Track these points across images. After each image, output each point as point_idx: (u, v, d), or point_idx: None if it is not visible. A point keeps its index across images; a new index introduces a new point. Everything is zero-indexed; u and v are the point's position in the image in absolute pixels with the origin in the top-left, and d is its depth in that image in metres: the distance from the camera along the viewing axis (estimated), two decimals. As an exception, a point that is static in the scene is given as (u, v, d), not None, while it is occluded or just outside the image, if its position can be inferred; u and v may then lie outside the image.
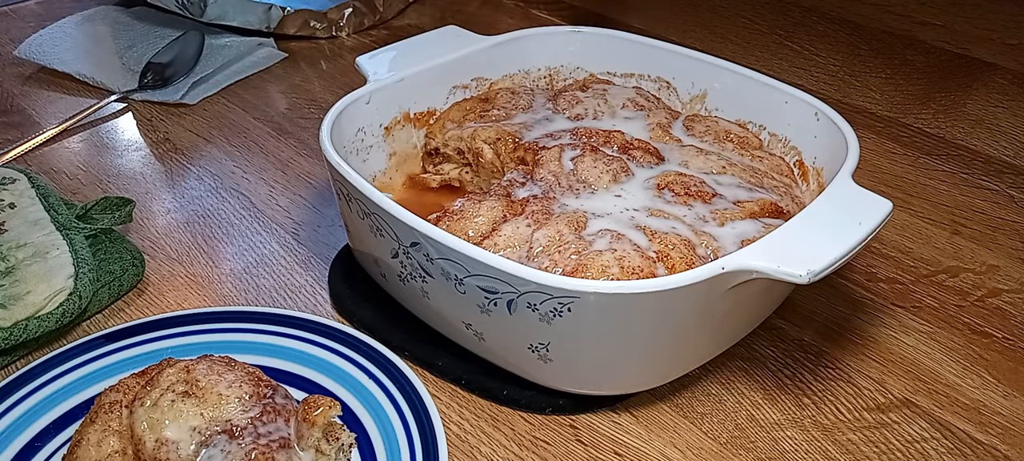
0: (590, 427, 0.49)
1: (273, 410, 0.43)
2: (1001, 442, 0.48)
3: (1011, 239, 0.64)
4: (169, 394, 0.42)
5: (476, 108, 0.65)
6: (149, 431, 0.41)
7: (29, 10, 1.06)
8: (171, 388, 0.42)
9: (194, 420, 0.41)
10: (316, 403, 0.43)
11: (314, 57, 0.95)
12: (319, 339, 0.52)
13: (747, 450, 0.48)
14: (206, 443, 0.40)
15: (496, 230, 0.51)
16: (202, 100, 0.85)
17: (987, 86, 0.86)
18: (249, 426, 0.41)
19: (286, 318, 0.54)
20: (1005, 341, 0.55)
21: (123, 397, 0.43)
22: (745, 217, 0.52)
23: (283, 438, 0.42)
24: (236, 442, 0.40)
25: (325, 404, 0.43)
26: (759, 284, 0.44)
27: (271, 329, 0.53)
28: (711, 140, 0.61)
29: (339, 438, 0.44)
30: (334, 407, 0.43)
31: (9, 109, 0.84)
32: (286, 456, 0.41)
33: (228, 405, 0.42)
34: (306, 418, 0.42)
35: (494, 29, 0.71)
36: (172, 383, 0.43)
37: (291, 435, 0.42)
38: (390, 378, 0.49)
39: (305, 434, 0.42)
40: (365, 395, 0.49)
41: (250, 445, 0.40)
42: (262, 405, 0.42)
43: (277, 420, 0.42)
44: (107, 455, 0.41)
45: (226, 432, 0.41)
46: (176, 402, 0.42)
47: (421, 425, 0.46)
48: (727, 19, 1.02)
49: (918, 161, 0.74)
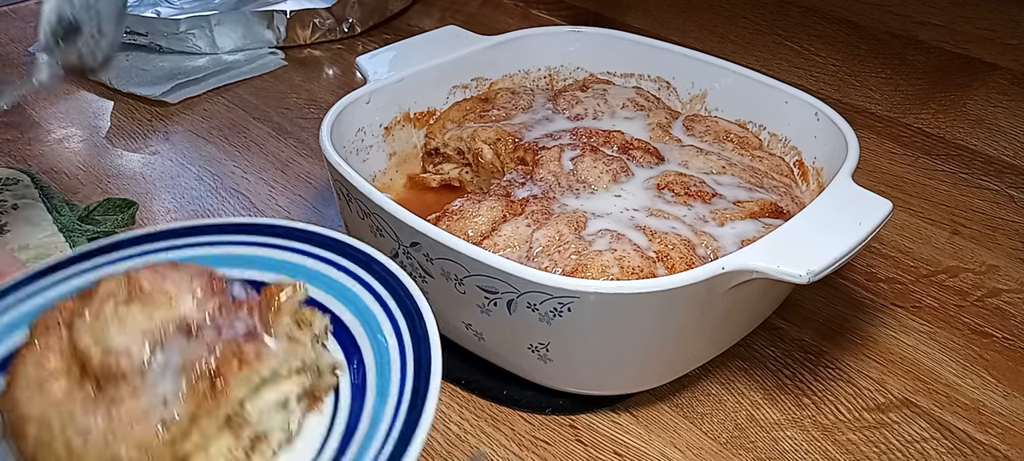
0: (590, 427, 0.49)
1: (232, 303, 0.38)
2: (1001, 442, 0.48)
3: (1011, 239, 0.64)
4: (110, 303, 0.37)
5: (476, 108, 0.65)
6: (94, 344, 0.36)
7: (29, 10, 1.06)
8: (111, 296, 0.37)
9: (143, 323, 0.36)
10: (280, 287, 0.38)
11: (314, 57, 0.95)
12: (283, 242, 0.46)
13: (747, 450, 0.48)
14: (161, 345, 0.36)
15: (496, 230, 0.51)
16: (202, 101, 0.85)
17: (987, 86, 0.86)
18: (207, 321, 0.37)
19: (234, 226, 0.47)
20: (1005, 341, 0.55)
21: (60, 316, 0.38)
22: (745, 217, 0.52)
23: (248, 329, 0.37)
24: (195, 340, 0.36)
25: (290, 286, 0.39)
26: (759, 284, 0.44)
27: (221, 239, 0.47)
28: (711, 140, 0.61)
29: (311, 324, 0.40)
30: (300, 289, 0.39)
31: (9, 109, 0.84)
32: (255, 347, 0.36)
33: (180, 304, 0.37)
34: (271, 305, 0.38)
35: (494, 29, 0.71)
36: (112, 292, 0.37)
37: (257, 325, 0.37)
38: (373, 275, 0.43)
39: (273, 323, 0.38)
40: (346, 295, 0.43)
41: (212, 340, 0.36)
42: (219, 299, 0.38)
43: (238, 313, 0.37)
44: (50, 373, 0.36)
45: (182, 331, 0.36)
46: (120, 309, 0.37)
47: (409, 317, 0.41)
48: (727, 19, 1.02)
49: (918, 161, 0.74)
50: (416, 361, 0.38)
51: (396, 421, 0.36)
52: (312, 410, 0.40)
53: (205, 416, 0.34)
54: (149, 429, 0.33)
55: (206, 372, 0.35)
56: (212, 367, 0.35)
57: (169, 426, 0.34)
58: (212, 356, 0.35)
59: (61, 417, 0.34)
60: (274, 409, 0.37)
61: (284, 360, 0.37)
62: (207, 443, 0.35)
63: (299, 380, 0.38)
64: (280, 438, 0.38)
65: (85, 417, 0.34)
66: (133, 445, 0.33)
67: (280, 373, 0.37)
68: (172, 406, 0.34)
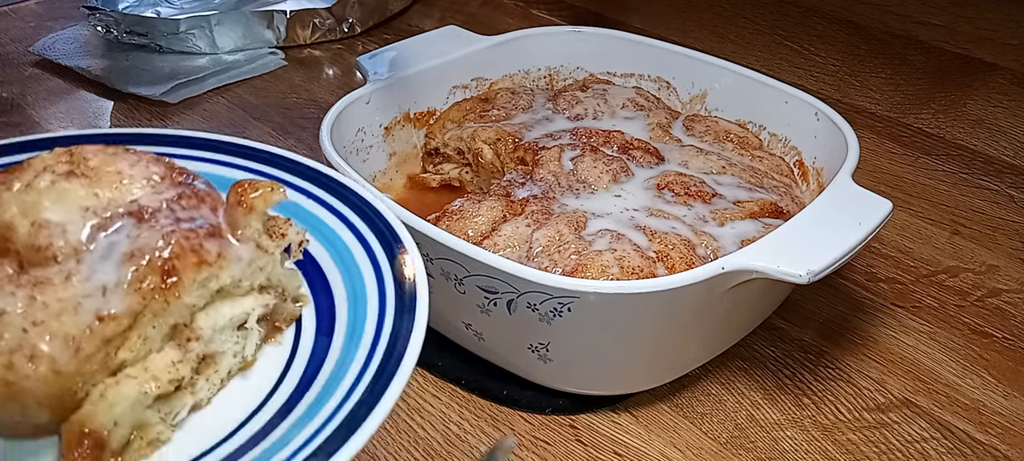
0: (590, 427, 0.49)
1: (194, 195, 0.32)
2: (1001, 442, 0.48)
3: (1011, 239, 0.64)
4: (46, 175, 0.31)
5: (476, 108, 0.65)
6: (21, 216, 0.29)
7: (29, 10, 1.06)
8: (49, 169, 0.31)
9: (85, 200, 0.30)
10: (253, 185, 0.33)
11: (314, 57, 0.95)
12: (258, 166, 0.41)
13: (747, 450, 0.48)
14: (103, 228, 0.29)
15: (496, 230, 0.51)
16: (202, 101, 0.85)
17: (987, 86, 0.86)
18: (164, 208, 0.31)
19: (198, 141, 0.41)
20: (1005, 341, 0.55)
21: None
22: (745, 217, 0.52)
23: (211, 227, 0.31)
24: (147, 225, 0.30)
25: (266, 186, 0.33)
26: (759, 284, 0.44)
27: (179, 152, 0.40)
28: (711, 140, 0.61)
29: (284, 234, 0.34)
30: (278, 190, 0.33)
31: (9, 109, 0.84)
32: (217, 245, 0.31)
33: (132, 186, 0.31)
34: (242, 202, 0.32)
35: (494, 29, 0.71)
36: (49, 164, 0.31)
37: (221, 224, 0.32)
38: (351, 207, 0.38)
39: (241, 223, 0.32)
40: (318, 227, 0.38)
41: (167, 230, 0.30)
42: (179, 189, 0.32)
43: (201, 207, 0.32)
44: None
45: (132, 214, 0.30)
46: (58, 182, 0.30)
47: (389, 251, 0.35)
48: (727, 19, 1.02)
49: (918, 161, 0.74)
50: (397, 301, 0.32)
51: (368, 367, 0.30)
52: (270, 340, 0.34)
53: (150, 317, 0.29)
54: (80, 321, 0.28)
55: (157, 264, 0.29)
56: (164, 257, 0.29)
57: (105, 320, 0.28)
58: (167, 248, 0.29)
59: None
60: (229, 327, 0.32)
61: (248, 269, 0.32)
62: (146, 352, 0.29)
63: (261, 299, 0.33)
64: (232, 364, 0.33)
65: (1, 298, 0.28)
66: (58, 337, 0.27)
67: (241, 285, 0.32)
68: (111, 297, 0.28)
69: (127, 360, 0.29)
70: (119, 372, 0.29)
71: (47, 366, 0.27)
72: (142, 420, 0.30)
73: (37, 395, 0.27)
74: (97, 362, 0.28)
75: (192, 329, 0.31)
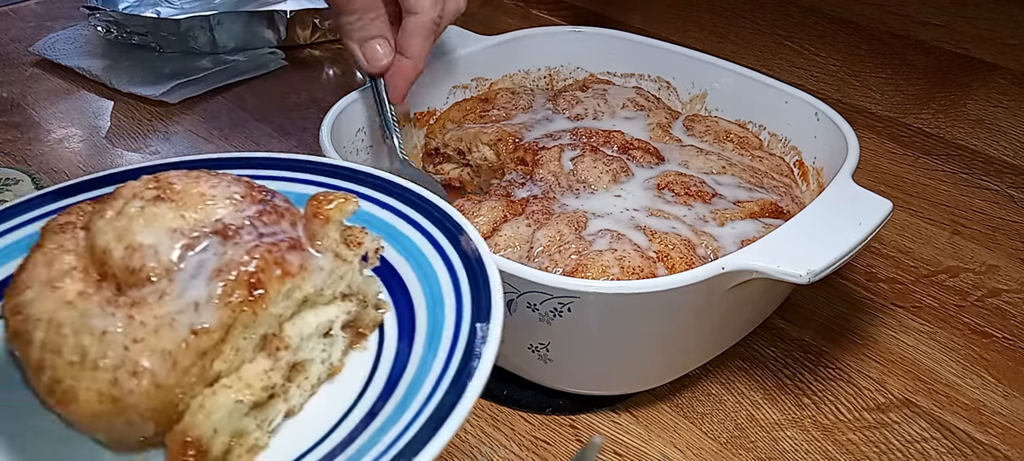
0: (590, 427, 0.49)
1: (275, 211, 0.33)
2: (1001, 442, 0.48)
3: (1011, 239, 0.64)
4: (136, 202, 0.32)
5: (476, 108, 0.65)
6: (116, 241, 0.31)
7: (29, 10, 1.06)
8: (137, 195, 0.33)
9: (173, 222, 0.32)
10: (328, 197, 0.34)
11: (314, 57, 0.95)
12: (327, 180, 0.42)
13: (747, 450, 0.48)
14: (191, 247, 0.31)
15: (496, 230, 0.51)
16: (202, 101, 0.85)
17: (987, 86, 0.86)
18: (247, 225, 0.32)
19: (273, 161, 0.43)
20: (1005, 341, 0.55)
21: (76, 219, 0.34)
22: (745, 217, 0.52)
23: (292, 239, 0.32)
24: (232, 242, 0.31)
25: (340, 198, 0.34)
26: (759, 284, 0.44)
27: (256, 174, 0.42)
28: (711, 140, 0.61)
29: (361, 243, 0.35)
30: (351, 201, 0.34)
31: (9, 109, 0.84)
32: (299, 257, 0.32)
33: (216, 206, 0.32)
34: (318, 214, 0.33)
35: (494, 29, 0.71)
36: (138, 191, 0.33)
37: (301, 237, 0.33)
38: (424, 214, 0.39)
39: (319, 234, 0.34)
40: (394, 235, 0.39)
41: (251, 245, 0.31)
42: (260, 206, 0.33)
43: (281, 222, 0.33)
44: (63, 272, 0.31)
45: (217, 232, 0.31)
46: (147, 208, 0.32)
47: (465, 259, 0.36)
48: (727, 19, 1.02)
49: (918, 161, 0.74)
50: (474, 305, 0.34)
51: (448, 369, 0.31)
52: (355, 346, 0.36)
53: (240, 329, 0.30)
54: (176, 336, 0.29)
55: (243, 278, 0.30)
56: (250, 271, 0.30)
57: (199, 333, 0.29)
58: (252, 262, 0.30)
59: (74, 318, 0.30)
60: (316, 335, 0.33)
61: (329, 278, 0.33)
62: (239, 363, 0.31)
63: (344, 306, 0.34)
64: (321, 371, 0.34)
65: (103, 319, 0.29)
66: (157, 353, 0.29)
67: (324, 293, 0.33)
68: (203, 312, 0.29)
69: (222, 371, 0.30)
70: (215, 383, 0.30)
71: (149, 380, 0.29)
72: (240, 428, 0.31)
73: (141, 409, 0.29)
74: (194, 374, 0.29)
75: (281, 338, 0.32)
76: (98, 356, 0.29)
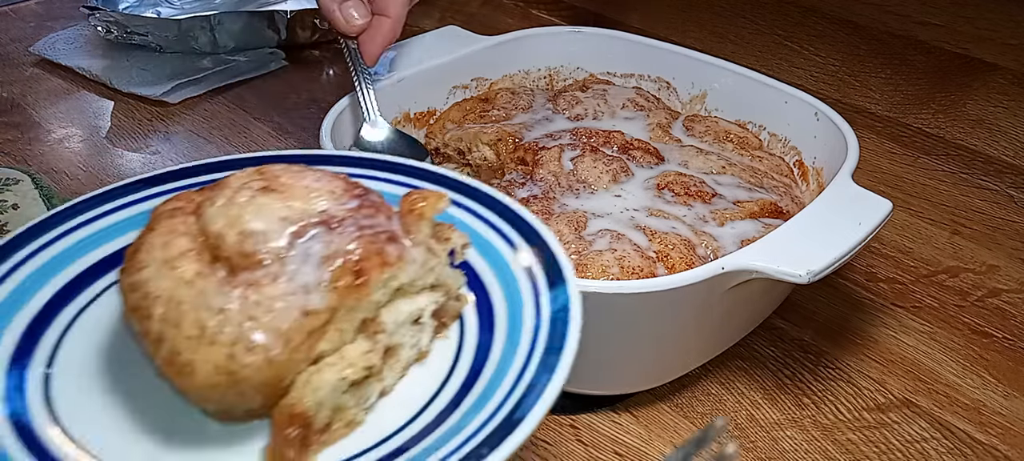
0: (590, 427, 0.49)
1: (372, 205, 0.35)
2: (1001, 442, 0.48)
3: (1011, 239, 0.64)
4: (244, 191, 0.34)
5: (476, 108, 0.65)
6: (228, 226, 0.33)
7: (29, 10, 1.06)
8: (245, 186, 0.35)
9: (281, 212, 0.34)
10: (421, 195, 0.36)
11: (314, 57, 0.95)
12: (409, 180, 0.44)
13: (747, 450, 0.48)
14: (299, 235, 0.33)
15: (496, 230, 0.51)
16: (202, 101, 0.85)
17: (987, 86, 0.86)
18: (349, 217, 0.34)
19: (349, 159, 0.45)
20: (1005, 341, 0.55)
21: (185, 205, 0.36)
22: (745, 217, 0.52)
23: (389, 231, 0.34)
24: (336, 232, 0.33)
25: (432, 195, 0.36)
26: (759, 284, 0.44)
27: (361, 173, 0.44)
28: (711, 140, 0.61)
29: (449, 239, 0.37)
30: (443, 198, 0.36)
31: (9, 109, 0.84)
32: (397, 249, 0.34)
33: (319, 198, 0.34)
34: (413, 210, 0.36)
35: (494, 29, 0.71)
36: (245, 182, 0.35)
37: (397, 230, 0.35)
38: (499, 215, 0.41)
39: (412, 229, 0.36)
40: (471, 234, 0.40)
41: (354, 235, 0.33)
42: (359, 200, 0.35)
43: (378, 216, 0.35)
44: (179, 253, 0.33)
45: (322, 223, 0.34)
46: (255, 197, 0.34)
47: (543, 257, 0.38)
48: (727, 19, 1.02)
49: (918, 161, 0.74)
50: (552, 303, 0.36)
51: (529, 363, 0.33)
52: (439, 335, 0.38)
53: (345, 312, 0.32)
54: (288, 316, 0.31)
55: (350, 266, 0.32)
56: (356, 260, 0.33)
57: (309, 314, 0.31)
58: (357, 251, 0.33)
59: (193, 296, 0.32)
60: (407, 322, 0.35)
61: (421, 270, 0.35)
62: (341, 343, 0.33)
63: (433, 296, 0.36)
64: (410, 355, 0.36)
65: (220, 297, 0.32)
66: (271, 331, 0.31)
67: (416, 284, 0.35)
68: (313, 295, 0.32)
69: (325, 351, 0.32)
70: (319, 361, 0.32)
71: (262, 356, 0.31)
72: (341, 403, 0.33)
73: (253, 382, 0.31)
74: (303, 352, 0.32)
75: (378, 323, 0.34)
76: (216, 331, 0.31)
